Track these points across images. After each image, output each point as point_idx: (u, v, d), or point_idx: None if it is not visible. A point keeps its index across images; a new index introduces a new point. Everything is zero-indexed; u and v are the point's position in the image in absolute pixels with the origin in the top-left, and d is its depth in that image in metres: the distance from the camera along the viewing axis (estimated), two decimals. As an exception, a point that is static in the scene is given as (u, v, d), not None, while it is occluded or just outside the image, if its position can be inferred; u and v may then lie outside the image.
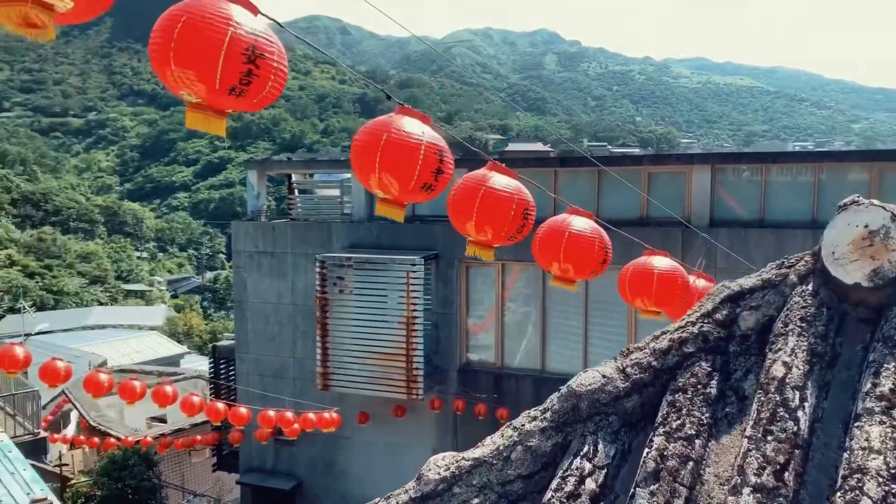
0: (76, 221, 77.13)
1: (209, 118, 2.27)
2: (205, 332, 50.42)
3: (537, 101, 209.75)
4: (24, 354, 5.94)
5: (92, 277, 63.38)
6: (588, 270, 3.89)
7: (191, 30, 2.21)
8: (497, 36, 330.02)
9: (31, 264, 59.42)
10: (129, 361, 28.16)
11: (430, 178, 3.03)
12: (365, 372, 12.58)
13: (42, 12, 1.85)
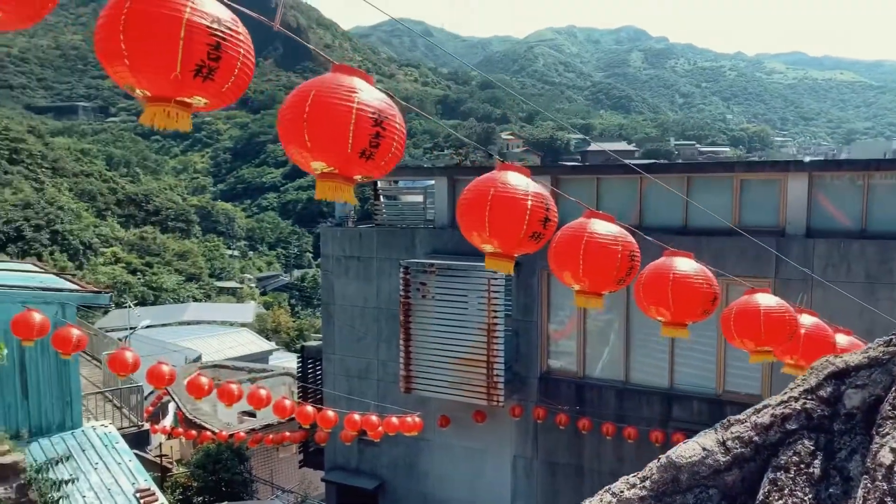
0: (174, 221, 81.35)
1: (339, 185, 2.43)
2: (292, 330, 52.10)
3: (621, 99, 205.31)
4: (133, 358, 6.40)
5: (188, 274, 66.72)
6: (699, 312, 3.82)
7: (321, 104, 2.39)
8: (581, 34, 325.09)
9: (133, 261, 63.19)
10: (221, 357, 29.45)
11: (539, 227, 3.11)
12: (446, 376, 12.74)
13: (182, 110, 2.04)
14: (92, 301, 13.38)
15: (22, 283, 12.60)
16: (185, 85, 2.06)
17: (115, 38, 1.99)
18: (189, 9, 2.03)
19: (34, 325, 6.10)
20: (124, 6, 2.00)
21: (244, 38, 2.19)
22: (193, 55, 2.03)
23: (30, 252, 51.74)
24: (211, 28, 2.06)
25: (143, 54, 2.01)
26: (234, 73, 2.13)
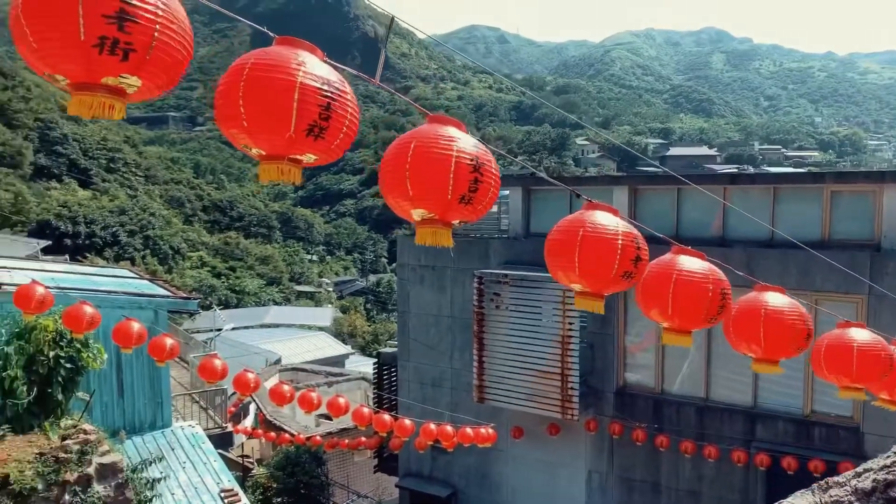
0: (256, 226, 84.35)
1: (437, 230, 2.54)
2: (367, 334, 53.02)
3: (702, 102, 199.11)
4: (222, 366, 6.72)
5: (269, 278, 68.98)
6: (792, 349, 3.68)
7: (422, 155, 2.50)
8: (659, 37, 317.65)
9: (218, 265, 65.90)
10: (299, 360, 30.25)
11: (630, 266, 3.10)
12: (520, 388, 12.71)
13: (293, 166, 2.17)
14: (182, 306, 14.07)
15: (120, 289, 13.39)
16: (298, 144, 2.18)
17: (234, 104, 2.13)
18: (302, 72, 2.15)
19: (133, 333, 6.51)
20: (243, 74, 2.14)
21: (350, 96, 2.29)
22: (306, 116, 2.14)
23: (124, 256, 54.76)
24: (322, 90, 2.17)
25: (261, 117, 2.14)
26: (342, 130, 2.24)
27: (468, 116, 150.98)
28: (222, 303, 52.98)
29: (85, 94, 1.92)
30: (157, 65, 1.96)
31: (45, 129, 67.65)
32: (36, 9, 1.82)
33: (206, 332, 31.78)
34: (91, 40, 1.81)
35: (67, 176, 67.04)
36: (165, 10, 1.93)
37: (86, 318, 6.38)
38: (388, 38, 3.59)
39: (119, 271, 19.61)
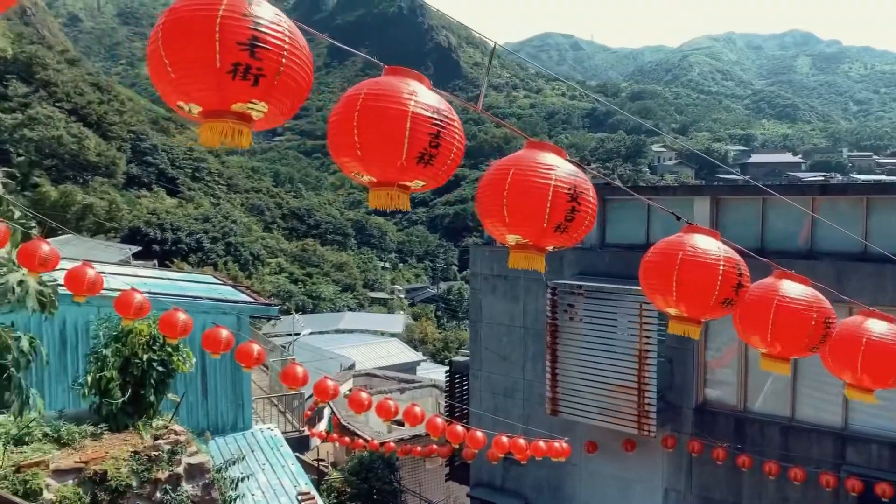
0: (332, 234, 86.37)
1: (531, 256, 2.57)
2: (438, 341, 53.33)
3: (786, 107, 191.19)
4: (303, 373, 6.94)
5: (344, 285, 70.43)
6: (891, 380, 3.48)
7: (520, 182, 2.54)
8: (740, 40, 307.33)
9: (296, 271, 67.82)
10: (372, 365, 30.72)
11: (731, 293, 3.01)
12: (594, 401, 12.51)
13: (402, 192, 2.25)
14: (263, 312, 14.59)
15: (206, 295, 14.00)
16: (408, 171, 2.26)
17: (349, 134, 2.24)
18: (413, 102, 2.22)
19: (221, 339, 6.81)
20: (357, 104, 2.23)
21: (457, 123, 2.34)
22: (417, 144, 2.22)
23: (207, 261, 57.11)
24: (432, 119, 2.24)
25: (374, 146, 2.23)
26: (450, 156, 2.30)
27: (540, 124, 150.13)
28: (299, 308, 54.44)
29: (215, 121, 2.02)
30: (283, 90, 2.06)
31: (137, 141, 71.39)
32: (176, 39, 1.94)
33: (284, 336, 32.75)
34: (226, 66, 1.92)
35: (156, 185, 70.51)
36: (291, 37, 2.04)
37: (179, 325, 6.71)
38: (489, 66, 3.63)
39: (204, 277, 20.49)
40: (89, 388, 7.65)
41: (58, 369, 11.15)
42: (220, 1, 1.94)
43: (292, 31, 2.06)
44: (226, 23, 1.92)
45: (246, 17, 1.95)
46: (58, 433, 7.06)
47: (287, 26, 2.04)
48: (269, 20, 2.00)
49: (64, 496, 6.29)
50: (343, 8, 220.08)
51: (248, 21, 1.95)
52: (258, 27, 1.96)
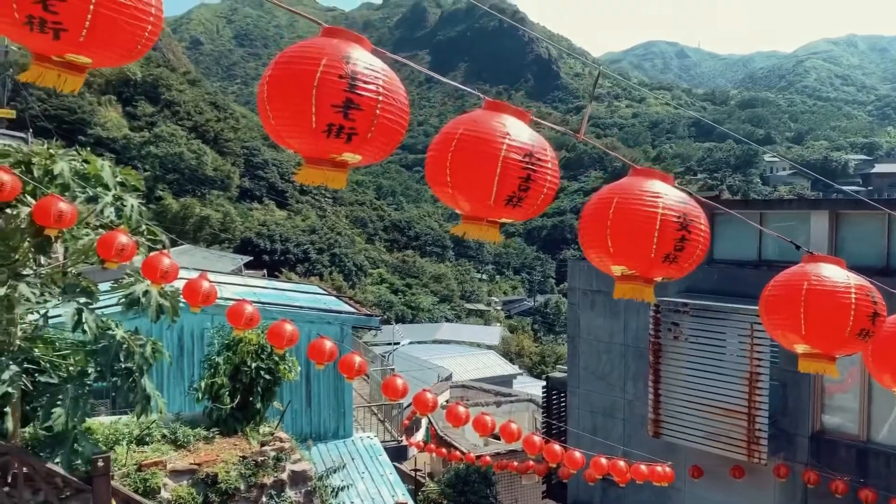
0: (431, 245, 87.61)
1: (638, 287, 2.50)
2: (534, 355, 52.82)
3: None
4: (403, 385, 7.06)
5: (442, 296, 71.22)
6: None
7: (625, 212, 2.47)
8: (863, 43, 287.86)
9: (396, 282, 69.27)
10: (469, 377, 30.80)
11: (867, 323, 2.76)
12: (700, 425, 11.97)
13: (491, 226, 2.28)
14: (365, 323, 14.95)
15: (311, 305, 14.52)
16: (497, 210, 2.28)
17: (442, 171, 2.29)
18: (506, 145, 2.23)
19: (325, 350, 7.03)
20: (452, 143, 2.28)
21: (552, 162, 2.33)
22: (506, 188, 2.23)
23: (313, 271, 59.33)
24: (523, 163, 2.24)
25: (464, 184, 2.27)
26: (540, 196, 2.30)
27: (643, 134, 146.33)
28: (399, 318, 55.47)
29: (313, 168, 2.19)
30: (376, 143, 2.16)
31: (250, 156, 75.33)
32: (277, 96, 2.10)
33: (384, 345, 33.45)
34: (321, 127, 2.05)
35: (267, 197, 74.07)
36: (386, 92, 2.11)
37: (286, 335, 6.99)
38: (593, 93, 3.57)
39: (310, 287, 21.27)
40: (203, 393, 8.11)
41: (175, 373, 11.89)
42: (320, 56, 2.04)
43: (387, 81, 2.13)
44: (323, 84, 2.02)
45: (342, 78, 2.04)
46: (175, 435, 7.51)
47: (382, 78, 2.11)
48: (365, 77, 2.08)
49: (179, 496, 6.68)
50: (444, 24, 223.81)
51: (344, 83, 2.04)
52: (353, 89, 2.05)
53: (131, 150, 58.69)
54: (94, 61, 1.94)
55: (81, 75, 1.95)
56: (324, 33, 2.11)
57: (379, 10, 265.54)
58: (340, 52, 2.05)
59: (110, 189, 7.15)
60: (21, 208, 6.33)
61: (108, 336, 6.78)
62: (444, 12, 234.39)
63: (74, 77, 1.93)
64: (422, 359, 31.80)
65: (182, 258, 26.57)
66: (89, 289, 6.87)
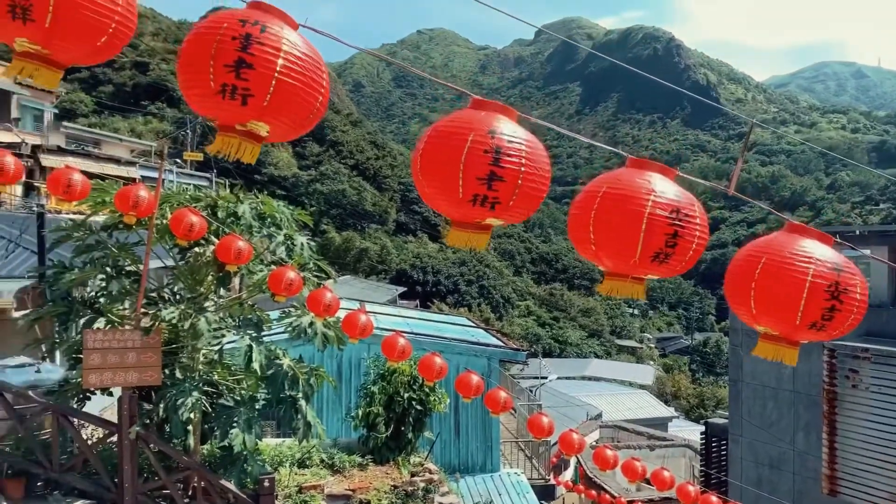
0: (579, 278, 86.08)
1: (781, 348, 2.39)
2: (692, 397, 49.89)
3: None
4: (549, 423, 7.00)
5: (590, 331, 69.56)
6: None
7: (772, 273, 2.37)
8: None
9: (543, 315, 68.66)
10: (619, 417, 29.69)
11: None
12: (885, 485, 10.71)
13: (636, 284, 2.28)
14: (511, 357, 15.00)
15: (460, 337, 14.82)
16: (642, 267, 2.28)
17: (585, 229, 2.34)
18: (651, 202, 2.23)
19: (472, 384, 7.15)
20: (595, 200, 2.31)
21: (700, 217, 2.28)
22: (652, 245, 2.23)
23: (462, 302, 60.39)
24: (669, 219, 2.23)
25: (608, 242, 2.30)
26: (688, 254, 2.26)
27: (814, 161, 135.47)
28: (546, 352, 54.82)
29: (460, 231, 2.32)
30: (517, 209, 2.27)
31: (406, 191, 78.65)
32: (429, 169, 2.27)
33: (530, 378, 33.16)
34: (467, 196, 2.20)
35: (421, 231, 76.77)
36: (528, 162, 2.22)
37: (436, 368, 7.19)
38: (747, 144, 3.46)
39: (459, 319, 21.70)
40: (360, 421, 8.51)
41: (334, 400, 12.57)
42: (467, 131, 2.16)
43: (530, 151, 2.22)
44: (469, 158, 2.15)
45: (487, 153, 2.15)
46: (332, 460, 7.94)
47: (525, 149, 2.20)
48: (508, 150, 2.18)
49: (335, 519, 7.02)
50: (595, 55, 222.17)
51: (488, 157, 2.15)
52: (497, 162, 2.16)
53: (300, 187, 63.48)
54: (271, 130, 2.14)
55: (259, 144, 2.15)
56: (473, 105, 2.24)
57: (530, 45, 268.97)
58: (486, 127, 2.17)
59: (282, 228, 7.81)
60: (207, 247, 7.08)
61: (276, 365, 7.35)
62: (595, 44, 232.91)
63: (253, 146, 2.12)
64: (569, 395, 31.17)
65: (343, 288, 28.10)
66: (261, 321, 7.51)
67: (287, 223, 8.02)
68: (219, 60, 1.94)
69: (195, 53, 1.97)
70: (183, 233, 6.50)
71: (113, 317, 7.43)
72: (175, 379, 6.93)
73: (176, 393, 6.58)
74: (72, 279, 6.86)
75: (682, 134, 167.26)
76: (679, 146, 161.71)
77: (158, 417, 6.97)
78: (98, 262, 7.11)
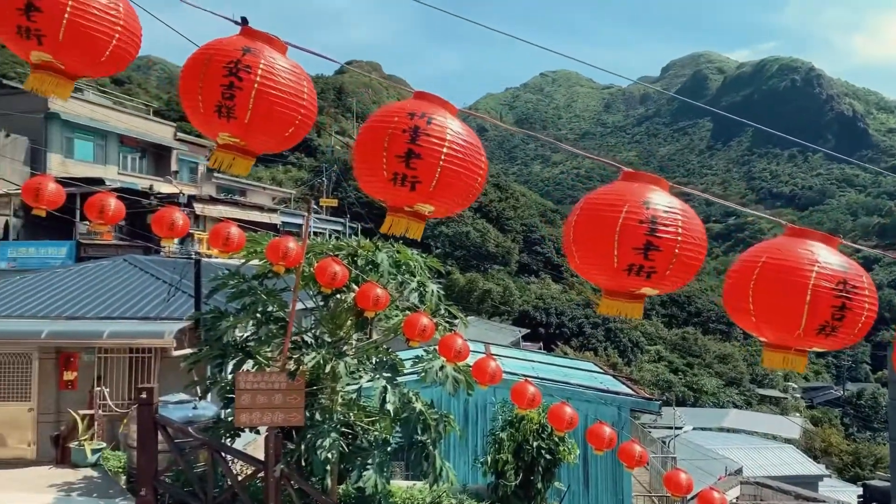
0: (714, 322, 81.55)
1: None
2: (846, 454, 45.44)
3: None
4: (687, 481, 6.69)
5: (728, 378, 65.41)
6: None
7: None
8: None
9: (675, 360, 65.46)
10: (763, 473, 27.64)
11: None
12: None
13: (798, 356, 2.23)
14: (644, 406, 14.48)
15: (588, 384, 14.51)
16: (806, 339, 2.22)
17: (744, 299, 2.29)
18: (815, 273, 2.17)
19: (605, 437, 6.99)
20: (755, 270, 2.28)
21: (869, 290, 2.21)
22: (818, 317, 2.16)
23: (587, 346, 58.91)
24: (836, 290, 2.16)
25: (770, 314, 2.24)
26: (857, 326, 2.19)
27: None
28: (679, 400, 52.16)
29: (612, 300, 2.32)
30: (674, 277, 2.27)
31: (528, 232, 78.69)
32: (583, 240, 2.31)
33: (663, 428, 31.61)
34: (622, 266, 2.21)
35: (543, 272, 76.22)
36: (685, 231, 2.22)
37: (566, 418, 7.10)
38: None
39: (585, 364, 21.27)
40: (489, 468, 8.52)
41: (461, 443, 12.64)
42: (622, 203, 2.19)
43: (686, 220, 2.22)
44: (625, 229, 2.18)
45: (642, 223, 2.17)
46: (462, 506, 7.97)
47: (681, 219, 2.20)
48: (664, 220, 2.19)
49: (466, 567, 7.02)
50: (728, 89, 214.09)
51: (644, 228, 2.17)
52: (653, 232, 2.17)
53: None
54: (434, 209, 2.33)
55: (423, 222, 2.34)
56: (624, 177, 2.29)
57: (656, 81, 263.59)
58: (640, 198, 2.20)
59: (415, 275, 8.11)
60: (348, 294, 7.48)
61: (409, 408, 7.56)
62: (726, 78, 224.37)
63: (418, 225, 2.32)
64: (706, 448, 29.43)
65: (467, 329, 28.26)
66: (395, 365, 7.78)
67: (419, 270, 8.32)
68: (391, 152, 2.15)
69: (369, 143, 2.19)
70: (327, 281, 6.93)
71: (260, 358, 7.98)
72: (315, 420, 7.30)
73: (315, 434, 6.92)
74: (228, 324, 7.46)
75: (825, 168, 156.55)
76: (823, 181, 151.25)
77: (299, 456, 7.34)
78: (250, 309, 7.70)
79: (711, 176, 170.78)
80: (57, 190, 6.21)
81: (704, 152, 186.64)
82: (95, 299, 12.08)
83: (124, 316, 11.23)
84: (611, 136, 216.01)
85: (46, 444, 11.00)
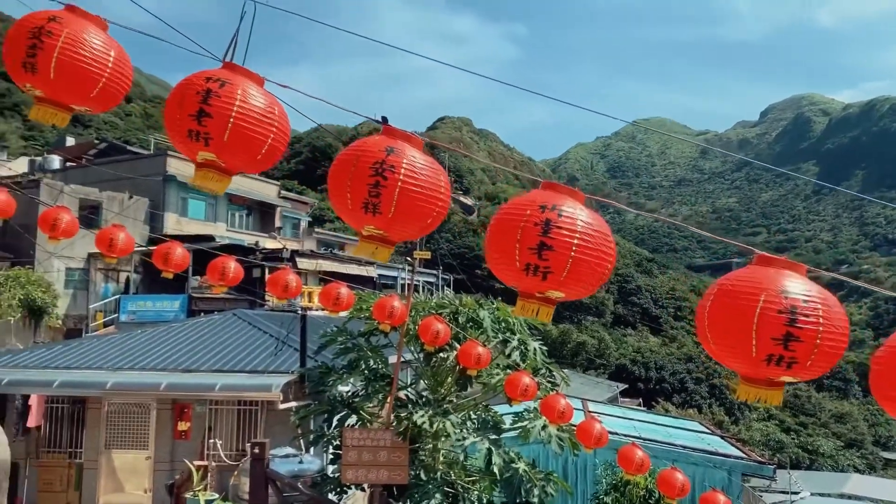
0: (829, 378, 76.01)
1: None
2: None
3: None
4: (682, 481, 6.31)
5: (847, 440, 60.45)
6: None
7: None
8: None
9: (787, 419, 61.28)
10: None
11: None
12: None
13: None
14: (756, 471, 13.63)
15: (695, 445, 13.85)
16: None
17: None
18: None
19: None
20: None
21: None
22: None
23: (690, 403, 56.23)
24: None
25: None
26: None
27: None
28: (792, 463, 48.61)
29: (750, 386, 2.27)
30: (816, 366, 2.22)
31: (623, 282, 76.78)
32: (718, 326, 2.28)
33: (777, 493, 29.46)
34: (761, 356, 2.16)
35: (640, 323, 73.87)
36: (826, 318, 2.16)
37: (678, 485, 6.83)
38: None
39: (690, 423, 20.32)
40: (594, 533, 8.24)
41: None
42: (758, 291, 2.17)
43: (826, 309, 2.17)
44: (763, 319, 2.15)
45: (781, 314, 2.13)
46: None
47: (822, 307, 2.16)
48: (804, 310, 2.15)
49: None
50: (834, 131, 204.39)
51: (784, 318, 2.13)
52: (793, 323, 2.13)
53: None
54: (564, 294, 2.40)
55: (552, 307, 2.42)
56: (758, 261, 2.27)
57: (755, 126, 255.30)
58: (777, 285, 2.18)
59: (516, 333, 8.13)
60: (451, 352, 7.59)
61: (512, 469, 7.49)
62: (832, 120, 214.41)
63: (548, 309, 2.40)
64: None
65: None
66: (498, 424, 7.76)
67: (520, 328, 8.33)
68: (524, 244, 2.26)
69: (503, 234, 2.32)
70: (430, 339, 7.08)
71: (364, 414, 8.16)
72: (419, 479, 7.35)
73: (421, 494, 6.96)
74: (335, 380, 7.71)
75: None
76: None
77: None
78: (355, 365, 7.93)
79: (819, 222, 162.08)
80: (183, 255, 6.73)
81: (811, 197, 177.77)
82: (208, 352, 12.73)
83: (234, 369, 11.74)
84: (708, 183, 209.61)
85: (161, 491, 11.54)
